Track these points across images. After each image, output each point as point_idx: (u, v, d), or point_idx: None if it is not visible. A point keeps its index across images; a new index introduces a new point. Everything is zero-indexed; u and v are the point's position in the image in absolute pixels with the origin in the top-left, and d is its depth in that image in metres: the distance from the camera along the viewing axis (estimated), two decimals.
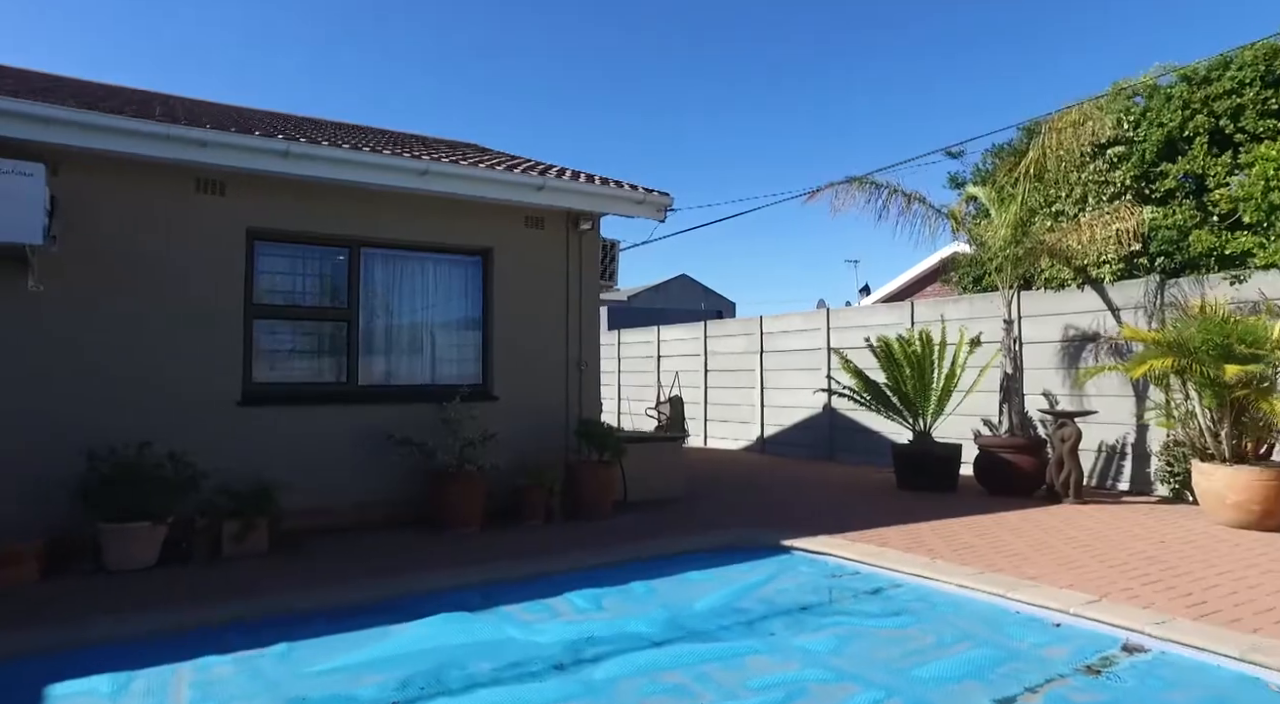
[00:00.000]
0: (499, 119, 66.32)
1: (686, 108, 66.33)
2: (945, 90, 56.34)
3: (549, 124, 68.31)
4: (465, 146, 9.78)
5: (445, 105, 65.75)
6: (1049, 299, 9.13)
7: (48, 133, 5.14)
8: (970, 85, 55.08)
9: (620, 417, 17.71)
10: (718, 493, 8.49)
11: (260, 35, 57.69)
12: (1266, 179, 7.22)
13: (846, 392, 9.08)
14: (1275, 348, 6.11)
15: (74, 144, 5.26)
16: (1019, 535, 5.92)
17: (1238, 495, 6.26)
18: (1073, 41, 46.61)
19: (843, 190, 8.46)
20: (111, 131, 5.32)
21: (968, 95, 53.23)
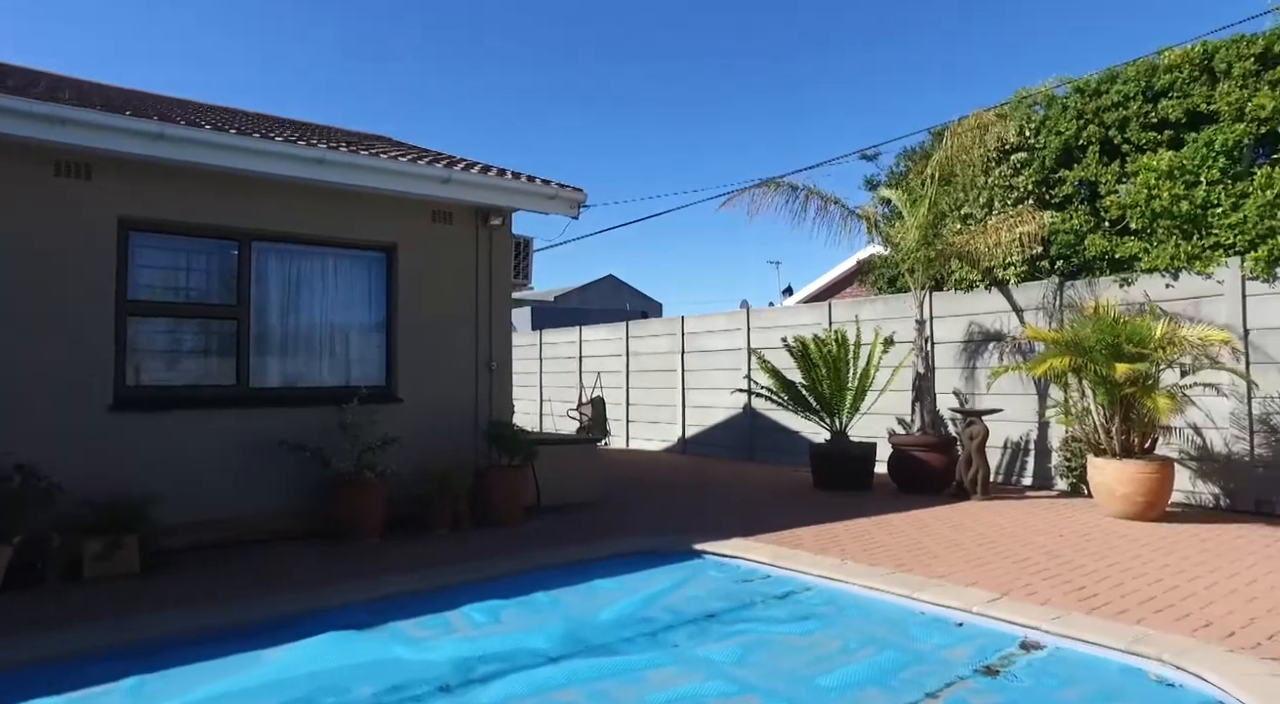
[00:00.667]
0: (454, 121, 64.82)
1: (604, 105, 66.33)
2: (864, 95, 58.13)
3: (488, 125, 67.24)
4: (376, 139, 9.33)
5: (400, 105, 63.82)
6: (959, 300, 9.37)
7: None
8: (888, 91, 57.02)
9: (543, 418, 17.42)
10: (635, 495, 8.34)
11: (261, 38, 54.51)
12: (1149, 188, 7.56)
13: (764, 392, 9.09)
14: (1158, 347, 6.38)
15: None
16: (928, 534, 5.98)
17: (1125, 488, 6.51)
18: (984, 48, 48.79)
19: (759, 193, 8.46)
20: None
21: (886, 100, 55.14)
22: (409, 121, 71.59)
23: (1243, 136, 7.24)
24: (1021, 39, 44.68)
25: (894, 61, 55.00)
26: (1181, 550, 5.39)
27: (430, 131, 66.58)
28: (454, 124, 67.50)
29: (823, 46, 51.62)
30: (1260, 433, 7.05)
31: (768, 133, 67.16)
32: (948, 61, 53.92)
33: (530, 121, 68.67)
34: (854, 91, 57.25)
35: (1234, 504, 7.15)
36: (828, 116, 56.66)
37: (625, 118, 67.59)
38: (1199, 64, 7.63)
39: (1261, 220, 6.98)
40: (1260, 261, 6.97)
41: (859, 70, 54.96)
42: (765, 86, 59.51)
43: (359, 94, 62.95)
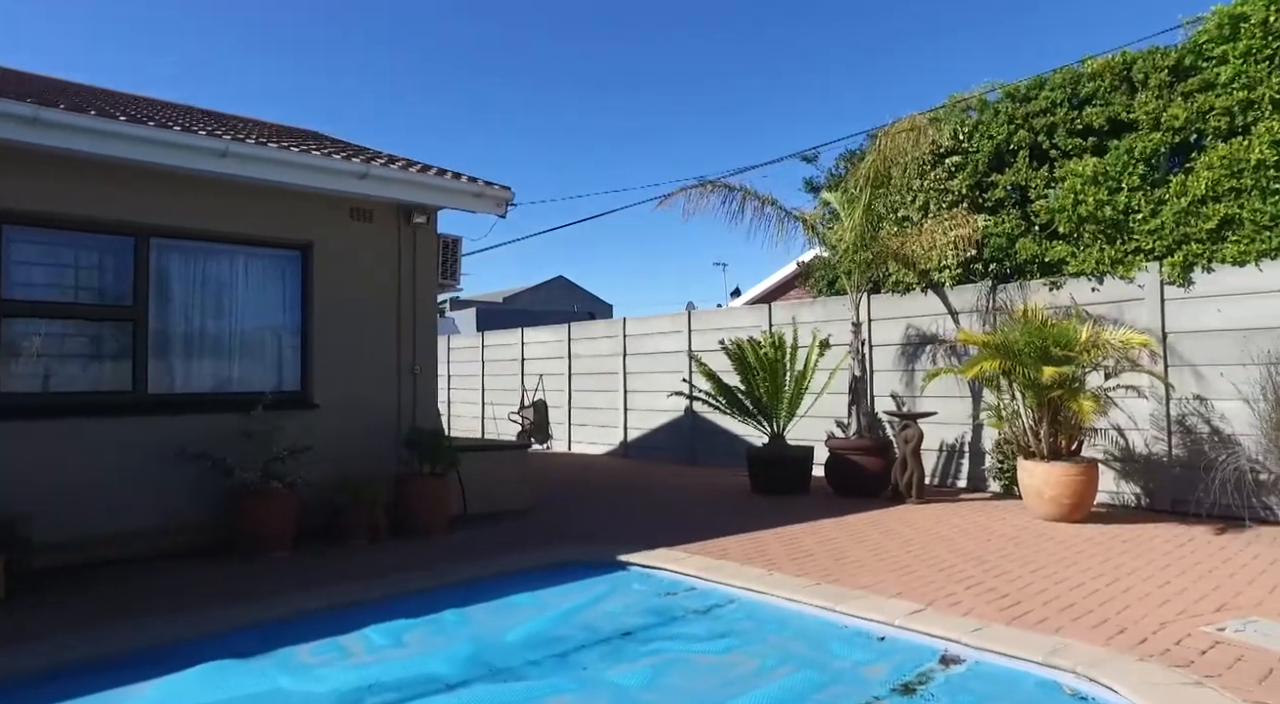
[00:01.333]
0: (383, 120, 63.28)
1: (543, 109, 65.88)
2: (805, 99, 58.93)
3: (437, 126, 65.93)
4: (306, 135, 8.88)
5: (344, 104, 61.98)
6: (896, 302, 9.39)
7: None
8: (828, 97, 57.85)
9: (485, 422, 17.04)
10: (569, 502, 8.11)
11: None
12: (1075, 193, 7.66)
13: (701, 395, 8.96)
14: (1083, 350, 6.44)
15: None
16: (860, 540, 5.89)
17: (1053, 490, 6.55)
18: (925, 52, 49.86)
19: (696, 193, 8.32)
20: None
21: (826, 104, 55.96)
22: (373, 129, 69.87)
23: (1159, 145, 7.38)
24: (959, 44, 45.74)
25: (839, 63, 55.85)
26: (1104, 552, 5.41)
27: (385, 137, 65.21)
28: (405, 128, 66.16)
29: (771, 45, 52.16)
30: (1177, 434, 7.19)
31: (707, 134, 67.37)
32: (889, 65, 54.94)
33: (459, 124, 67.78)
34: (793, 94, 58.01)
35: (1153, 503, 7.28)
36: (767, 120, 57.21)
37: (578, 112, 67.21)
38: (1119, 73, 7.77)
39: (1177, 226, 7.13)
40: (1176, 267, 7.11)
41: (801, 72, 55.72)
42: (704, 86, 59.82)
43: (309, 96, 61.19)
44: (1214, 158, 6.96)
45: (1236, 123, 7.02)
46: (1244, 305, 6.79)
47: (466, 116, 67.45)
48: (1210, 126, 7.15)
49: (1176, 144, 7.41)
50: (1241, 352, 6.56)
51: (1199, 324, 7.06)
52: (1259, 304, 6.69)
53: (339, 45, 57.11)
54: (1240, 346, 6.62)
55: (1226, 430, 6.88)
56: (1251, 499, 6.45)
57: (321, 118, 62.10)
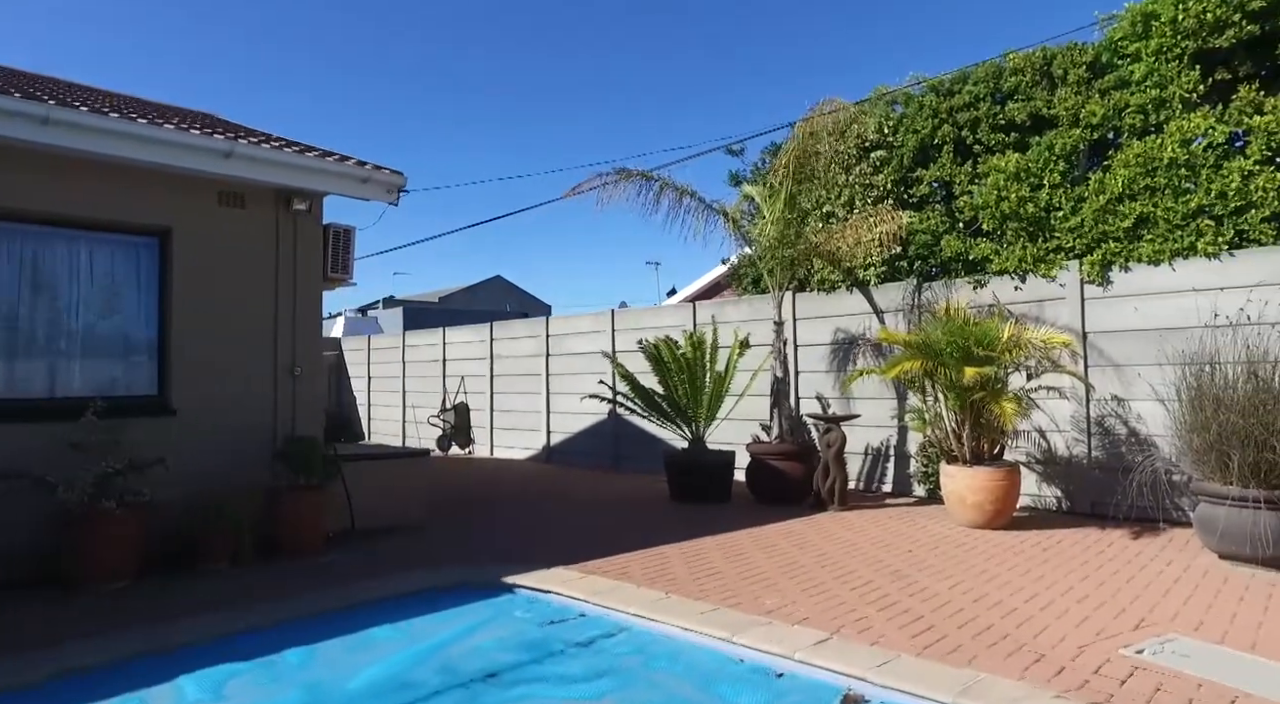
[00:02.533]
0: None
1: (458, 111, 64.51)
2: (735, 92, 59.03)
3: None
4: (183, 112, 8.01)
5: None
6: (822, 301, 9.11)
7: None
8: (758, 89, 57.99)
9: (406, 425, 16.21)
10: (473, 513, 7.52)
11: None
12: (998, 189, 7.49)
13: (616, 399, 8.49)
14: (1005, 350, 6.21)
15: None
16: (772, 555, 5.50)
17: (975, 496, 6.31)
18: (854, 47, 50.25)
19: (610, 182, 7.83)
20: None
21: (756, 97, 56.16)
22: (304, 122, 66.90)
23: (1079, 142, 7.26)
24: (890, 36, 45.98)
25: (766, 56, 55.96)
26: (1024, 563, 5.15)
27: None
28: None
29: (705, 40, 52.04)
30: (1097, 435, 7.07)
31: (635, 127, 66.90)
32: (818, 57, 55.23)
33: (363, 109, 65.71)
34: (722, 90, 58.03)
35: (1074, 506, 7.14)
36: (695, 114, 56.96)
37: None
38: (1040, 69, 7.64)
39: (1096, 225, 7.00)
40: (1095, 265, 6.98)
41: (730, 66, 55.80)
42: (629, 81, 59.47)
43: None
44: (1129, 156, 6.86)
45: (1150, 121, 6.93)
46: (1159, 305, 6.69)
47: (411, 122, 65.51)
48: (1126, 124, 7.05)
49: (1095, 141, 7.30)
50: (1157, 352, 6.44)
51: (1118, 324, 6.95)
52: (1173, 304, 6.59)
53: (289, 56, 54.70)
54: (1156, 347, 6.51)
55: (1144, 432, 6.77)
56: (1165, 501, 6.33)
57: None
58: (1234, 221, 6.37)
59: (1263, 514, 4.90)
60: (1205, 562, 5.18)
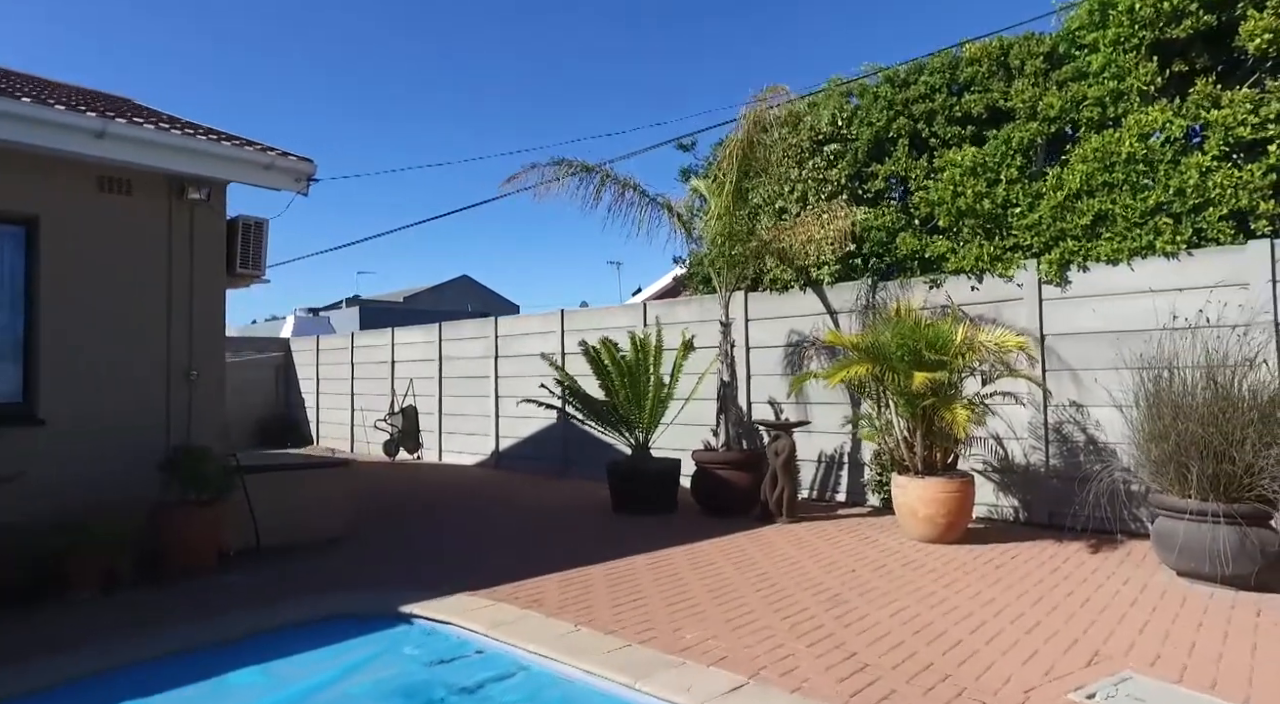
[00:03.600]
0: None
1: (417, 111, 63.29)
2: (691, 88, 58.36)
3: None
4: (101, 98, 7.35)
5: None
6: (775, 301, 8.72)
7: None
8: (715, 86, 57.41)
9: (355, 429, 15.57)
10: (400, 527, 7.00)
11: None
12: (955, 184, 7.15)
13: (558, 403, 8.01)
14: (958, 354, 5.85)
15: None
16: (706, 576, 5.07)
17: (927, 508, 5.94)
18: (808, 36, 49.62)
19: (549, 173, 7.35)
20: None
21: (710, 92, 55.69)
22: None
23: (1036, 135, 6.95)
24: (847, 28, 45.24)
25: (720, 46, 55.21)
26: (974, 584, 4.78)
27: None
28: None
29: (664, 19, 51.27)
30: (1054, 443, 6.75)
31: (580, 120, 65.80)
32: (775, 47, 54.78)
33: None
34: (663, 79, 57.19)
35: (1031, 517, 6.82)
36: (646, 110, 56.08)
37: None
38: (996, 59, 7.31)
39: (1054, 222, 6.69)
40: (1053, 265, 6.66)
41: (684, 61, 55.20)
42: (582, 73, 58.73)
43: None
44: (1087, 150, 6.55)
45: (1108, 114, 6.64)
46: (1117, 306, 6.40)
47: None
48: (1084, 117, 6.75)
49: (1053, 135, 6.99)
50: (1115, 356, 6.13)
51: (1076, 326, 6.64)
52: (1131, 305, 6.30)
53: None
54: (1114, 350, 6.20)
55: (1102, 439, 6.47)
56: (1124, 512, 6.03)
57: None
58: (1192, 220, 6.09)
59: (1221, 529, 4.58)
60: (1163, 579, 4.86)
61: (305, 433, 17.09)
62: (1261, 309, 5.58)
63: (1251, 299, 5.64)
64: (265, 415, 17.18)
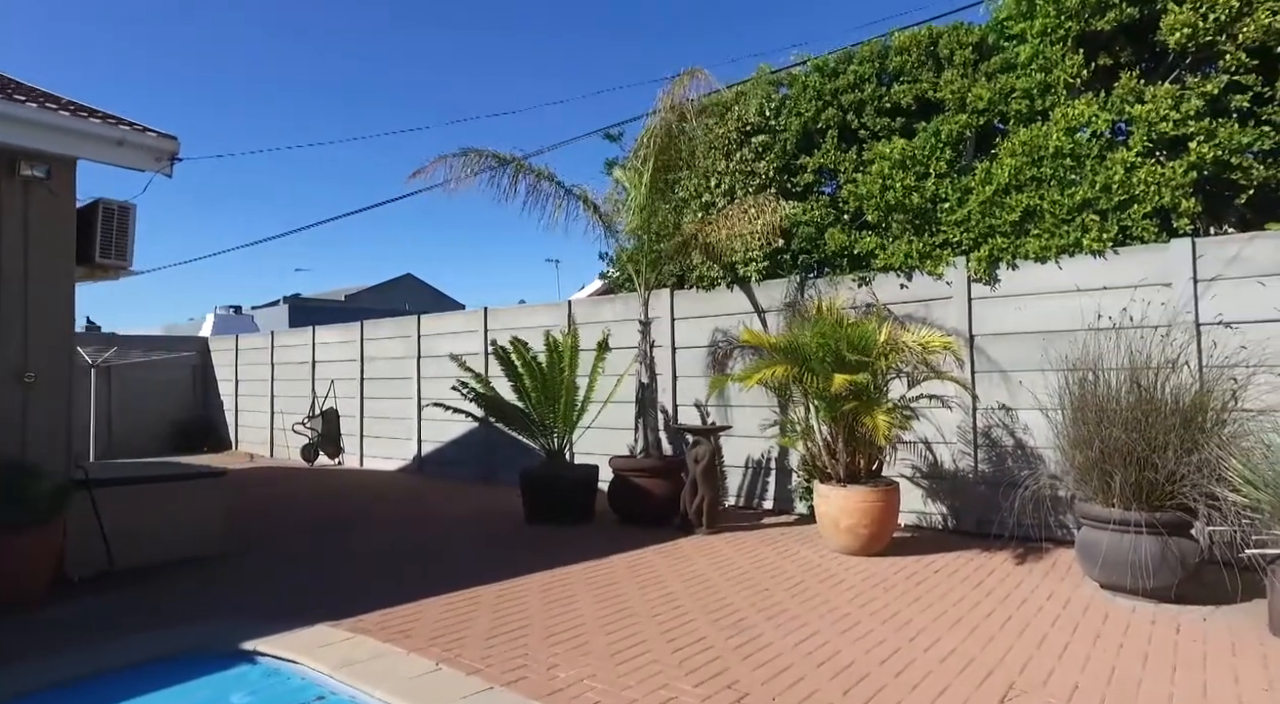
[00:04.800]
0: None
1: None
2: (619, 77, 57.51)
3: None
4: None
5: None
6: (702, 299, 8.34)
7: None
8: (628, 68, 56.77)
9: (275, 433, 14.72)
10: (289, 541, 6.39)
11: None
12: (883, 178, 6.87)
13: (470, 407, 7.49)
14: (881, 355, 5.53)
15: None
16: (604, 598, 4.62)
17: (848, 519, 5.61)
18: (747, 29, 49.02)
19: (458, 164, 6.81)
20: None
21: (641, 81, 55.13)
22: None
23: (965, 127, 6.71)
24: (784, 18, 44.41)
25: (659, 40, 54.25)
26: (893, 604, 4.44)
27: None
28: None
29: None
30: (983, 448, 6.51)
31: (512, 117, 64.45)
32: (710, 43, 54.15)
33: None
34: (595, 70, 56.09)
35: (959, 525, 6.57)
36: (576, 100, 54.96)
37: None
38: (926, 49, 7.06)
39: (983, 218, 6.45)
40: (982, 262, 6.42)
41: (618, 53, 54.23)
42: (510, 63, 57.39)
43: None
44: (1016, 144, 6.33)
45: (1036, 106, 6.43)
46: (1045, 305, 6.18)
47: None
48: (1013, 110, 6.53)
49: (982, 127, 6.77)
50: (1042, 356, 5.90)
51: (1005, 326, 6.40)
52: (1059, 304, 6.08)
53: None
54: (1042, 351, 5.98)
55: (1031, 444, 6.24)
56: (1051, 519, 5.81)
57: None
58: (1118, 217, 5.90)
59: (1144, 540, 4.34)
60: (1086, 593, 4.60)
61: (224, 437, 16.15)
62: (1183, 309, 5.41)
63: (1174, 299, 5.46)
64: (181, 419, 16.18)
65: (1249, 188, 5.69)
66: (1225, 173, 5.69)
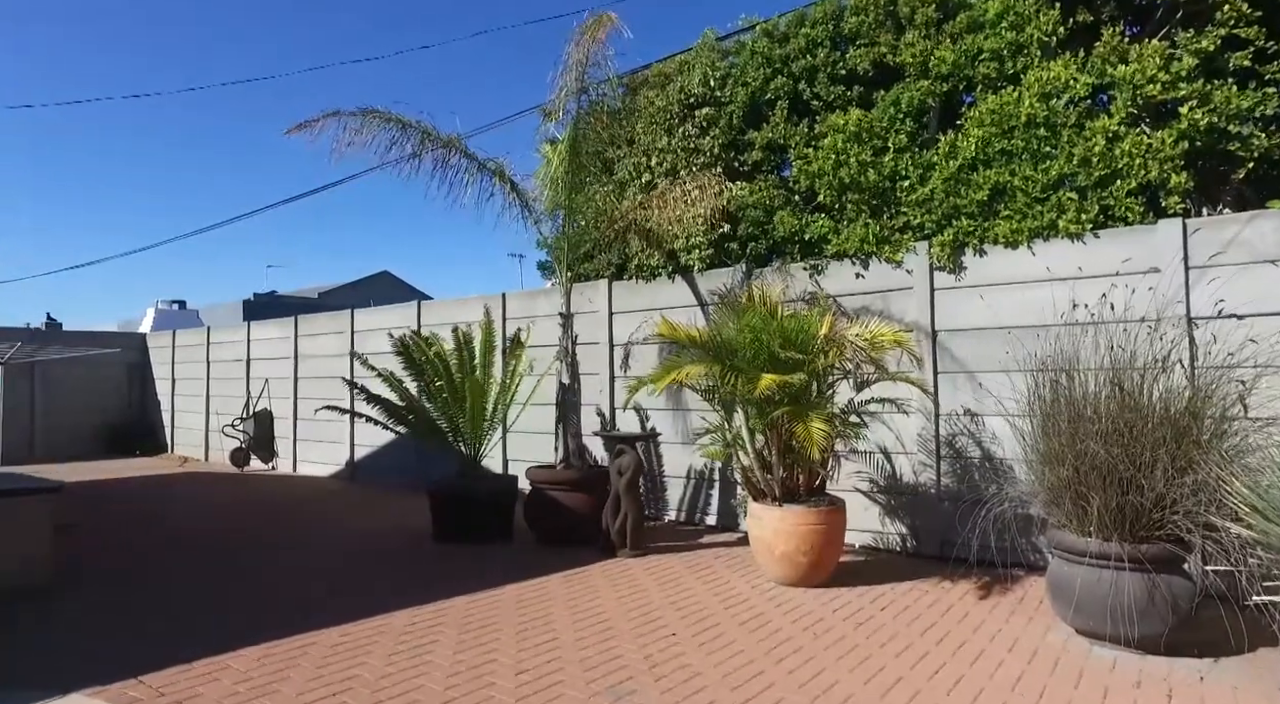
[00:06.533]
0: None
1: None
2: None
3: None
4: None
5: None
6: (642, 291, 7.51)
7: None
8: None
9: (210, 435, 13.78)
10: (147, 567, 5.52)
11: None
12: (837, 153, 6.06)
13: (365, 409, 6.64)
14: (820, 352, 4.71)
15: None
16: (467, 648, 3.78)
17: (784, 544, 4.79)
18: None
19: (350, 124, 5.93)
20: None
21: None
22: None
23: (928, 95, 5.92)
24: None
25: None
26: (823, 656, 3.62)
27: None
28: None
29: None
30: (947, 459, 5.71)
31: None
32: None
33: None
34: None
35: (920, 547, 5.76)
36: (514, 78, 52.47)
37: None
38: (884, 8, 6.25)
39: (947, 197, 5.64)
40: (946, 247, 5.62)
41: None
42: None
43: None
44: (984, 112, 5.53)
45: (1007, 69, 5.64)
46: (1015, 296, 5.38)
47: None
48: (980, 74, 5.73)
49: (947, 95, 5.96)
50: (1009, 355, 5.09)
51: (972, 320, 5.60)
52: (1031, 295, 5.29)
53: None
54: (1006, 349, 5.17)
55: (999, 454, 5.44)
56: (1019, 541, 5.02)
57: None
58: (1099, 195, 5.11)
59: (1127, 578, 3.55)
60: (1058, 641, 3.81)
61: (160, 439, 15.19)
62: (1173, 299, 4.62)
63: (1162, 287, 4.67)
64: (115, 421, 15.20)
65: (1248, 160, 4.92)
66: (1221, 143, 4.92)
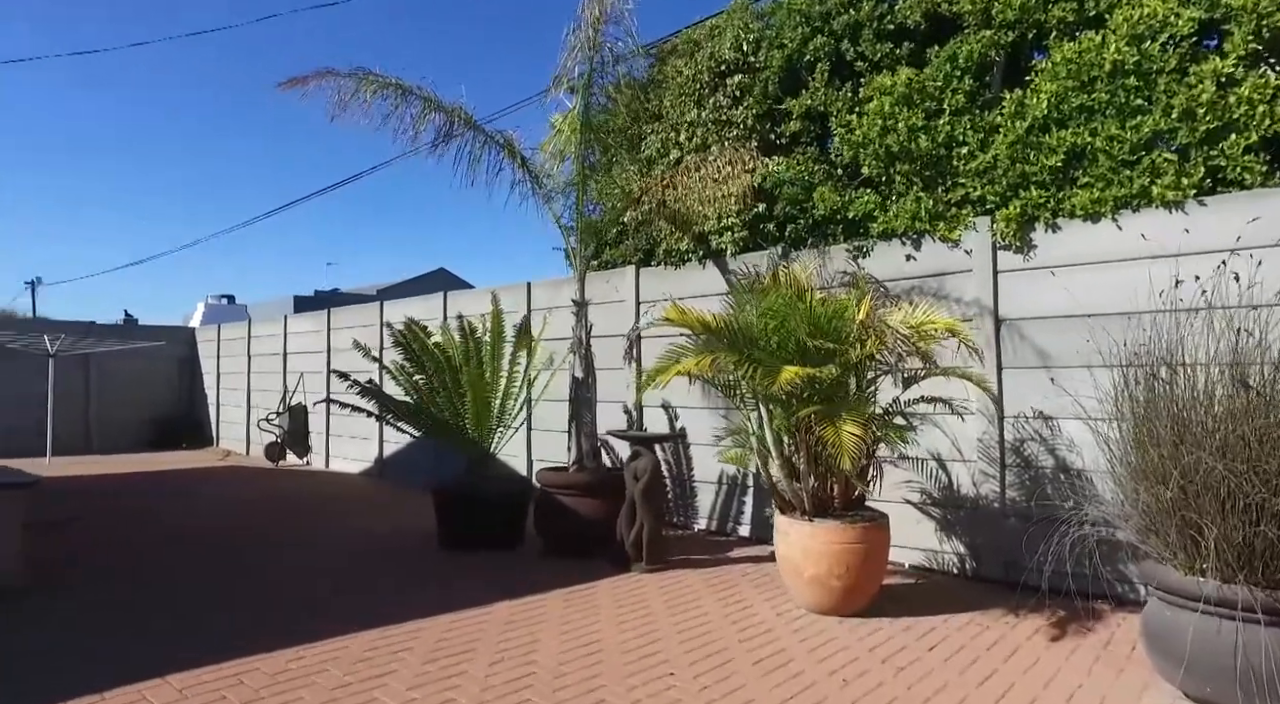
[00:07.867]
0: None
1: None
2: None
3: None
4: None
5: None
6: (670, 278, 6.89)
7: None
8: None
9: (250, 429, 13.77)
10: (141, 568, 5.21)
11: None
12: (884, 118, 5.30)
13: (365, 404, 6.21)
14: (856, 341, 3.99)
15: None
16: (429, 680, 3.24)
17: (815, 566, 4.10)
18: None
19: (346, 88, 5.45)
20: None
21: None
22: None
23: (990, 48, 5.10)
24: None
25: None
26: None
27: None
28: None
29: None
30: (1013, 468, 4.90)
31: None
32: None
33: None
34: None
35: (981, 569, 4.98)
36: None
37: None
38: None
39: (1013, 165, 4.83)
40: (1012, 222, 4.81)
41: None
42: None
43: None
44: (1058, 63, 4.71)
45: (1088, 9, 4.78)
46: (1093, 277, 4.55)
47: None
48: (1053, 18, 4.89)
49: (1012, 45, 5.13)
50: (1088, 345, 4.26)
51: (1042, 306, 4.80)
52: (1114, 276, 4.45)
53: None
54: (1087, 337, 4.34)
55: (1077, 465, 4.61)
56: (1104, 567, 4.20)
57: None
58: (1205, 153, 4.24)
59: (1263, 633, 2.75)
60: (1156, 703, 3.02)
61: (206, 433, 15.34)
62: None
63: None
64: (165, 414, 15.41)
65: None
66: None
